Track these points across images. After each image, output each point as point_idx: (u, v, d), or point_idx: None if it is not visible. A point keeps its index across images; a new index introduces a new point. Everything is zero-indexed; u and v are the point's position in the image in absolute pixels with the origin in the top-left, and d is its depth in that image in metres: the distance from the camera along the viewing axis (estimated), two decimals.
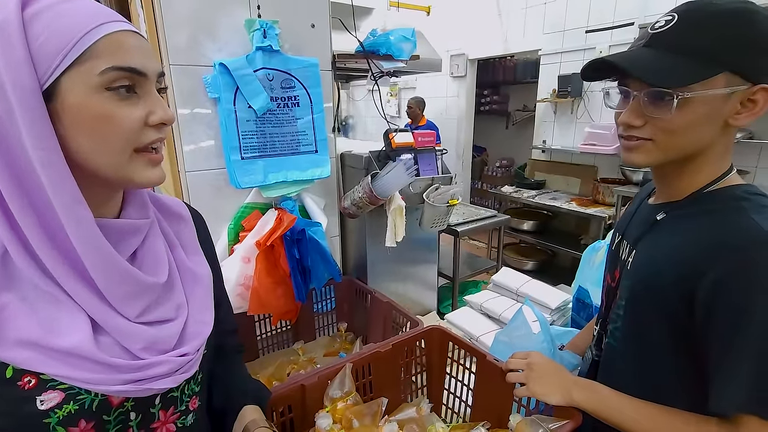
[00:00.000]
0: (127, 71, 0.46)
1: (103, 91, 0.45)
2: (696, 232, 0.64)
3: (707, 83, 0.58)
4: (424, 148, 1.35)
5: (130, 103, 0.47)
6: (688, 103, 0.59)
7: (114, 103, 0.46)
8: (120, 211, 0.56)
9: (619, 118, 0.66)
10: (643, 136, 0.64)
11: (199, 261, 0.65)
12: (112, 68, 0.45)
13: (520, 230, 3.74)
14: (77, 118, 0.45)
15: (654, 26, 0.63)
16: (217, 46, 1.11)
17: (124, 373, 0.48)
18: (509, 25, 4.17)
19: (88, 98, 0.44)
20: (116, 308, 0.50)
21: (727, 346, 0.58)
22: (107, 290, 0.49)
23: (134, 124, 0.48)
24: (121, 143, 0.47)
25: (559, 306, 1.55)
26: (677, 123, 0.61)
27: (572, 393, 0.76)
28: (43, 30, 0.42)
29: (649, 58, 0.61)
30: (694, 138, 0.63)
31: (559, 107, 3.76)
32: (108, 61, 0.45)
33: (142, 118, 0.48)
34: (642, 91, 0.62)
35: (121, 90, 0.46)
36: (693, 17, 0.59)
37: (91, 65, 0.44)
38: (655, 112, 0.61)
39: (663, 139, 0.63)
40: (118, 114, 0.46)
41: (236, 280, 1.14)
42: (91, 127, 0.45)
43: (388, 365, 1.05)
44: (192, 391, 0.60)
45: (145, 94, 0.49)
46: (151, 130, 0.50)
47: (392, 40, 1.33)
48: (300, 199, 1.32)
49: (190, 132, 1.13)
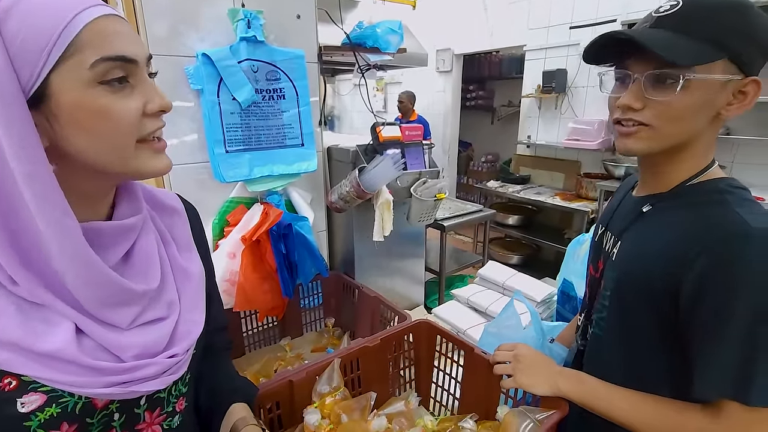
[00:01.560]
0: (117, 60, 0.43)
1: (96, 86, 0.43)
2: (682, 225, 0.65)
3: (709, 67, 0.59)
4: (412, 141, 1.34)
5: (125, 95, 0.45)
6: (690, 86, 0.60)
7: (109, 97, 0.44)
8: (113, 208, 0.54)
9: (618, 101, 0.66)
10: (642, 120, 0.64)
11: (192, 257, 0.63)
12: (102, 59, 0.42)
13: (506, 225, 3.78)
14: (74, 117, 0.43)
15: (658, 10, 0.63)
16: (200, 36, 1.08)
17: (109, 375, 0.47)
18: (494, 21, 4.19)
19: (82, 95, 0.42)
20: (106, 319, 0.48)
21: (711, 334, 0.60)
22: (91, 303, 0.47)
23: (133, 116, 0.46)
24: (123, 137, 0.46)
25: (544, 299, 1.57)
26: (677, 106, 0.61)
27: (558, 383, 0.77)
28: (19, 28, 0.39)
29: (659, 36, 0.60)
30: (690, 125, 0.64)
31: (544, 103, 3.79)
32: (96, 52, 0.42)
33: (140, 109, 0.46)
34: (644, 73, 0.62)
35: (114, 82, 0.44)
36: (697, 3, 0.60)
37: (80, 59, 0.41)
38: (655, 95, 0.62)
39: (661, 125, 0.63)
40: (115, 108, 0.44)
41: (222, 275, 1.12)
42: (90, 124, 0.43)
43: (377, 360, 1.05)
44: (179, 392, 0.59)
45: (138, 82, 0.47)
46: (150, 120, 0.48)
47: (379, 33, 1.31)
48: (286, 194, 1.30)
49: (172, 124, 1.09)
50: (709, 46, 0.59)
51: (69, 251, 0.44)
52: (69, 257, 0.44)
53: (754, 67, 0.61)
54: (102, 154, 0.45)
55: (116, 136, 0.45)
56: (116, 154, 0.46)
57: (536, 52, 3.78)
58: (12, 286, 0.44)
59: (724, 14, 0.59)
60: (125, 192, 0.55)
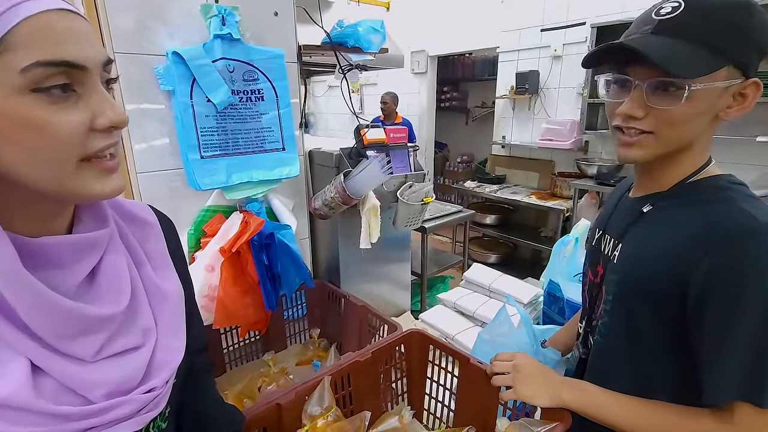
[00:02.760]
0: (60, 66, 0.36)
1: (27, 94, 0.35)
2: (685, 223, 0.64)
3: (713, 75, 0.58)
4: (396, 144, 1.30)
5: (66, 106, 0.37)
6: (693, 95, 0.58)
7: (44, 109, 0.36)
8: (72, 222, 0.46)
9: (619, 109, 0.64)
10: (644, 129, 0.63)
11: (168, 276, 0.56)
12: (39, 63, 0.35)
13: (483, 224, 3.80)
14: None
15: (659, 11, 0.61)
16: (169, 32, 1.00)
17: (75, 421, 0.40)
18: (468, 23, 4.22)
19: (6, 102, 0.35)
20: (65, 351, 0.41)
21: (720, 336, 0.58)
22: (48, 334, 0.40)
23: (74, 132, 0.38)
24: (59, 155, 0.38)
25: (531, 300, 1.57)
26: (679, 114, 0.60)
27: (561, 393, 0.75)
28: None
29: (663, 45, 0.58)
30: (691, 130, 0.63)
31: (518, 104, 3.84)
32: (32, 53, 0.34)
33: (85, 123, 0.38)
34: (646, 81, 0.60)
35: (54, 91, 0.36)
36: (702, 6, 0.58)
37: (9, 60, 0.34)
38: (659, 103, 0.60)
39: (664, 132, 0.62)
40: (51, 122, 0.36)
41: (199, 290, 1.04)
42: (16, 137, 0.36)
43: (368, 374, 1.00)
44: (158, 429, 0.52)
45: (87, 91, 0.39)
46: (99, 136, 0.40)
47: (361, 32, 1.26)
48: (267, 201, 1.23)
49: (140, 128, 1.01)
50: (713, 54, 0.57)
51: (8, 278, 0.37)
52: (7, 285, 0.37)
53: (754, 69, 0.61)
54: (31, 172, 0.37)
55: (50, 152, 0.37)
56: (50, 172, 0.38)
57: (509, 54, 3.82)
58: None
59: (729, 17, 0.57)
60: (85, 208, 0.48)
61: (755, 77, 0.61)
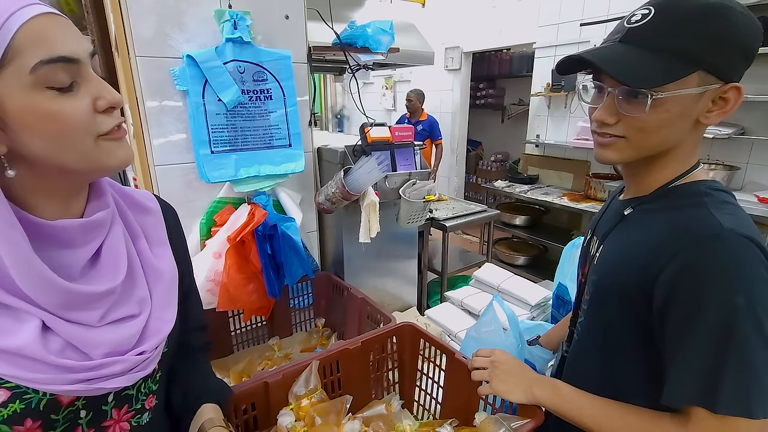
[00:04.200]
0: (59, 62, 0.43)
1: (41, 90, 0.42)
2: (659, 227, 0.64)
3: (681, 82, 0.57)
4: (402, 143, 1.33)
5: (71, 96, 0.45)
6: (661, 102, 0.58)
7: (54, 100, 0.43)
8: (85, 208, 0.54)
9: (593, 115, 0.66)
10: (616, 134, 0.64)
11: (164, 255, 0.63)
12: (42, 62, 0.41)
13: (512, 225, 3.73)
14: (24, 123, 0.43)
15: (630, 20, 0.61)
16: (186, 38, 1.09)
17: (74, 372, 0.47)
18: (504, 18, 4.13)
19: (27, 101, 0.42)
20: (72, 319, 0.49)
21: (680, 339, 0.58)
22: (57, 309, 0.47)
23: (82, 116, 0.45)
24: (79, 136, 0.46)
25: (539, 302, 1.54)
26: (650, 121, 0.60)
27: (533, 391, 0.76)
28: None
29: (624, 57, 0.59)
30: (666, 136, 0.62)
31: (553, 101, 3.72)
32: (35, 54, 0.41)
33: (90, 107, 0.46)
34: (616, 89, 0.61)
35: (59, 84, 0.43)
36: (670, 13, 0.58)
37: (19, 64, 0.41)
38: (628, 110, 0.61)
39: (636, 137, 0.63)
40: (62, 110, 0.44)
41: (207, 275, 1.13)
42: (41, 128, 0.43)
43: (358, 362, 1.04)
44: (149, 390, 0.59)
45: (84, 81, 0.46)
46: (103, 117, 0.47)
47: (369, 33, 1.30)
48: (274, 194, 1.30)
49: (158, 125, 1.11)
50: (678, 61, 0.57)
51: (18, 263, 0.44)
52: (19, 268, 0.44)
53: (735, 73, 0.59)
54: (62, 154, 0.45)
55: (71, 135, 0.45)
56: (76, 152, 0.46)
57: (546, 50, 3.71)
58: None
59: (700, 23, 0.56)
60: (93, 189, 0.55)
61: (737, 81, 0.59)
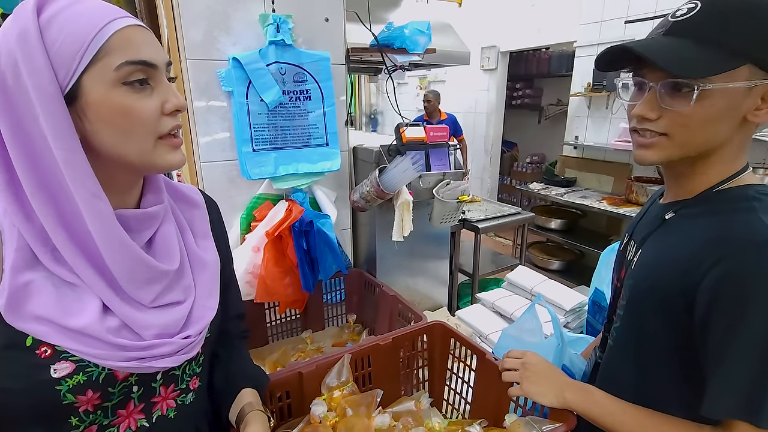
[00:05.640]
0: (139, 64, 0.49)
1: (120, 86, 0.48)
2: (703, 233, 0.62)
3: (729, 75, 0.55)
4: (436, 143, 1.33)
5: (145, 95, 0.50)
6: (707, 95, 0.56)
7: (131, 96, 0.49)
8: (140, 198, 0.59)
9: (633, 111, 0.64)
10: (658, 131, 0.62)
11: (208, 247, 0.68)
12: (126, 63, 0.48)
13: (547, 228, 3.63)
14: (100, 114, 0.48)
15: (675, 14, 0.60)
16: (232, 41, 1.14)
17: (129, 351, 0.52)
18: (543, 16, 4.03)
19: (107, 94, 0.48)
20: (132, 295, 0.54)
21: (722, 348, 0.56)
22: (124, 278, 0.52)
23: (152, 114, 0.51)
24: (143, 133, 0.51)
25: (574, 308, 1.51)
26: (695, 117, 0.58)
27: (565, 394, 0.75)
28: (58, 35, 0.45)
29: (669, 47, 0.58)
30: (711, 133, 0.60)
31: (594, 102, 3.60)
32: (121, 56, 0.48)
33: (158, 108, 0.52)
34: (659, 82, 0.59)
35: (136, 83, 0.49)
36: (717, 6, 0.56)
37: (107, 62, 0.47)
38: (672, 105, 0.59)
39: (678, 134, 0.60)
40: (136, 106, 0.49)
41: (246, 268, 1.18)
42: (114, 120, 0.49)
43: (388, 358, 1.06)
44: (193, 372, 0.64)
45: (157, 84, 0.52)
46: (167, 118, 0.53)
47: (407, 34, 1.31)
48: (311, 191, 1.34)
49: (205, 124, 1.17)
50: (726, 53, 0.55)
51: (102, 231, 0.50)
52: (103, 236, 0.50)
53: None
54: (125, 146, 0.51)
55: (137, 131, 0.50)
56: (136, 147, 0.51)
57: (587, 49, 3.59)
58: (54, 266, 0.50)
59: (747, 16, 0.54)
60: (150, 185, 0.61)
61: None
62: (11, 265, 0.48)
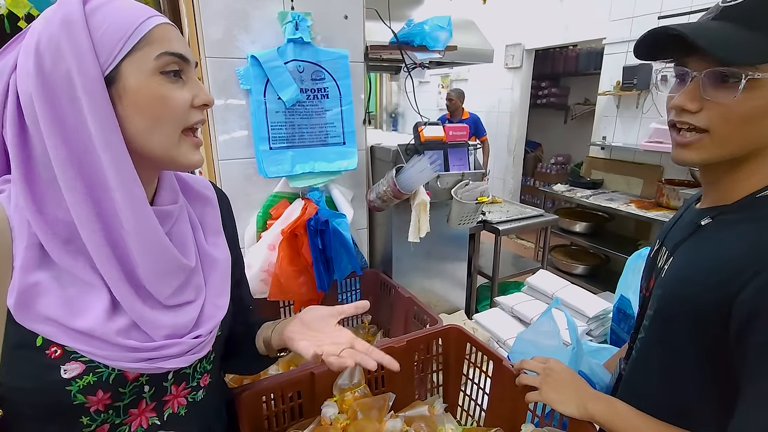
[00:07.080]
0: (176, 56, 0.52)
1: (157, 75, 0.50)
2: (743, 241, 0.57)
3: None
4: (456, 142, 1.30)
5: (179, 86, 0.53)
6: (755, 86, 0.52)
7: (167, 85, 0.51)
8: (154, 195, 0.60)
9: (672, 101, 0.60)
10: (698, 124, 0.57)
11: (219, 243, 0.68)
12: (166, 53, 0.51)
13: (572, 232, 3.53)
14: (136, 100, 0.50)
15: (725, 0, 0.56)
16: (251, 39, 1.15)
17: (139, 352, 0.52)
18: (571, 13, 3.91)
19: (145, 81, 0.50)
20: (151, 288, 0.54)
21: (757, 366, 0.52)
22: (147, 267, 0.52)
23: (183, 105, 0.53)
24: (173, 122, 0.53)
25: (597, 315, 1.45)
26: (738, 110, 0.54)
27: (587, 405, 0.71)
28: (103, 22, 0.48)
29: (718, 31, 0.54)
30: (755, 131, 0.56)
31: (623, 101, 3.47)
32: (161, 47, 0.50)
33: (189, 100, 0.54)
34: (703, 71, 0.55)
35: (171, 74, 0.52)
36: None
37: (147, 51, 0.50)
38: (715, 96, 0.55)
39: (720, 130, 0.56)
40: (171, 95, 0.52)
41: (260, 266, 1.18)
42: (148, 107, 0.50)
43: (402, 361, 1.02)
44: (204, 369, 0.64)
45: (189, 79, 0.54)
46: (195, 111, 0.55)
47: (427, 30, 1.29)
48: (327, 190, 1.33)
49: (223, 122, 1.18)
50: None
51: (135, 215, 0.51)
52: (135, 220, 0.51)
53: None
54: (152, 135, 0.52)
55: (168, 119, 0.52)
56: (163, 138, 0.53)
57: (617, 46, 3.47)
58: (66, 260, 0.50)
59: None
60: (164, 183, 0.61)
61: None
62: (21, 264, 0.48)
